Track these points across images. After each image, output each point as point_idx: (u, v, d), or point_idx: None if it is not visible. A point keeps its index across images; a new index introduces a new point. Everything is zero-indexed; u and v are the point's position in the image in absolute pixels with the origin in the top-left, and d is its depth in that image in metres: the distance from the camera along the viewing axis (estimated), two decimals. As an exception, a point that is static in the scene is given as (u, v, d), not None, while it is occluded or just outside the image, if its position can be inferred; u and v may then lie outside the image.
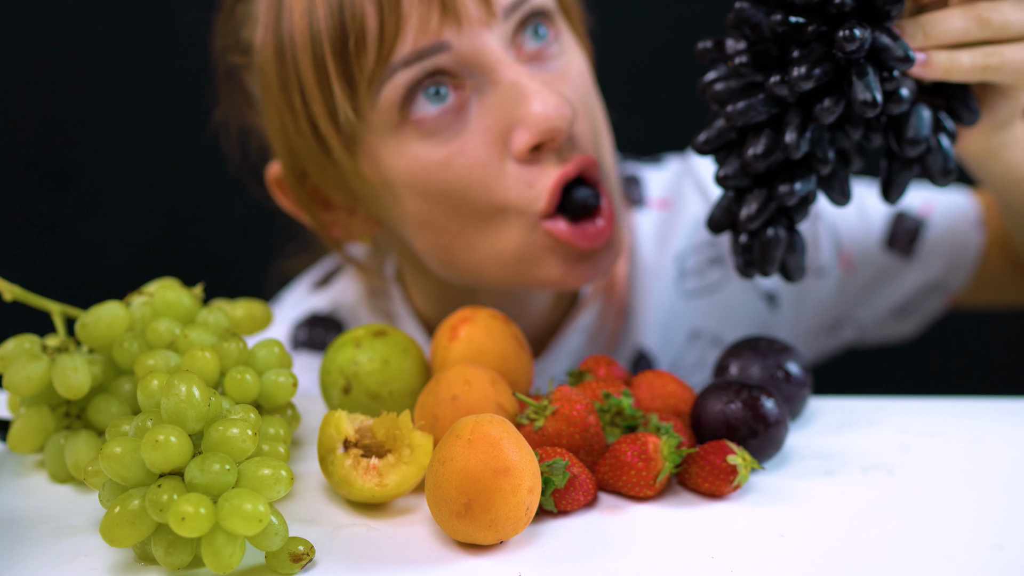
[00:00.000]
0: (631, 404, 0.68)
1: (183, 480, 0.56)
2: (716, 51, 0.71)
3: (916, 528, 0.61)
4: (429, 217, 0.80)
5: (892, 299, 1.02)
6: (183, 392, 0.57)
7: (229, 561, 0.55)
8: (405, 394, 0.72)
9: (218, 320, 0.69)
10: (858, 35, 0.63)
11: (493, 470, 0.58)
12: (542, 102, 0.75)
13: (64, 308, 0.70)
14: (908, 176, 0.72)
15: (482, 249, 0.80)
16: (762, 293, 0.99)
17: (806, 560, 0.58)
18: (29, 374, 0.65)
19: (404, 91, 0.75)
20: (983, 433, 0.73)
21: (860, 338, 1.06)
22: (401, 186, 0.79)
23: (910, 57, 0.65)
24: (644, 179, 1.02)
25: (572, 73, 0.80)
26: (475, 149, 0.77)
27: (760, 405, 0.67)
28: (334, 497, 0.66)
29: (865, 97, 0.64)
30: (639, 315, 0.98)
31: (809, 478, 0.67)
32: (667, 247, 0.99)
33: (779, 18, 0.66)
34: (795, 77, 0.65)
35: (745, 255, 0.71)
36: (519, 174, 0.77)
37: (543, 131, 0.75)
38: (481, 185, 0.77)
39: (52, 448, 0.68)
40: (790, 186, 0.68)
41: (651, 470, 0.64)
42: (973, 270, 1.00)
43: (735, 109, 0.67)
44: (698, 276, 0.99)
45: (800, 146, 0.67)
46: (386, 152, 0.78)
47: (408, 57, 0.75)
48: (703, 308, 0.99)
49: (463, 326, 0.73)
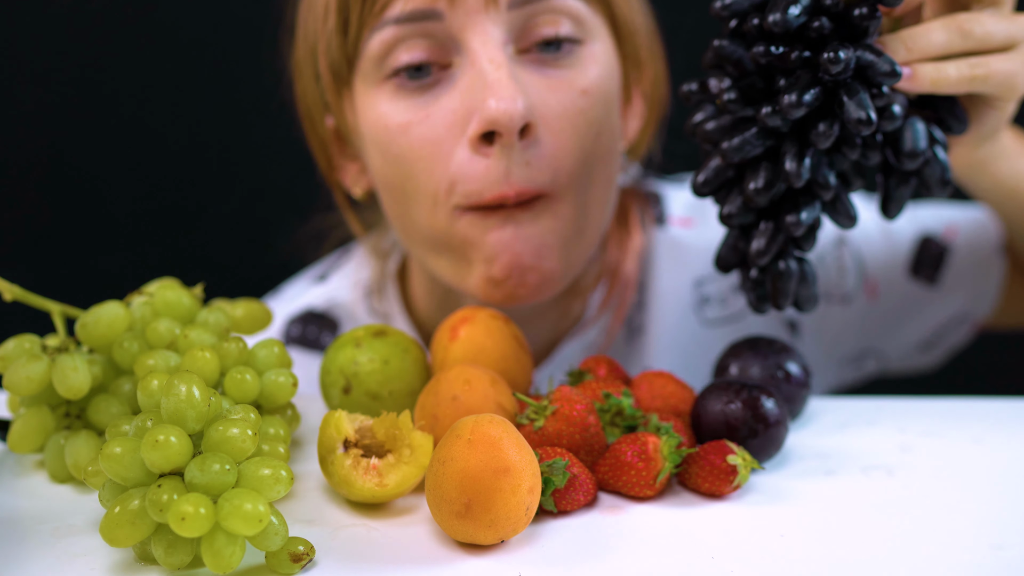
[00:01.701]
0: (631, 404, 0.68)
1: (183, 480, 0.56)
2: (701, 92, 0.70)
3: (916, 528, 0.61)
4: (386, 179, 0.81)
5: (918, 334, 1.00)
6: (183, 392, 0.57)
7: (229, 561, 0.55)
8: (405, 394, 0.72)
9: (218, 320, 0.69)
10: (842, 56, 0.63)
11: (493, 470, 0.58)
12: (495, 96, 0.74)
13: (64, 308, 0.70)
14: (907, 190, 0.71)
15: (421, 218, 0.80)
16: (784, 320, 0.98)
17: (806, 560, 0.58)
18: (29, 374, 0.65)
19: (389, 46, 0.77)
20: (983, 433, 0.73)
21: (883, 370, 1.04)
22: (369, 140, 0.81)
23: (896, 71, 0.65)
24: (666, 197, 1.01)
25: (576, 86, 0.78)
26: (435, 124, 0.77)
27: (760, 405, 0.67)
28: (334, 497, 0.66)
29: (859, 115, 0.64)
30: (650, 334, 0.96)
31: (809, 478, 0.67)
32: (684, 268, 0.97)
33: (762, 50, 0.66)
34: (786, 105, 0.64)
35: (757, 290, 0.71)
36: (465, 163, 0.76)
37: (486, 120, 0.74)
38: (429, 160, 0.77)
39: (52, 448, 0.68)
40: (796, 216, 0.67)
41: (651, 470, 0.64)
42: (997, 298, 0.99)
43: (730, 146, 0.67)
44: (720, 305, 0.97)
45: (802, 174, 0.66)
46: (363, 102, 0.80)
47: (400, 16, 0.76)
48: (727, 337, 0.96)
49: (463, 326, 0.73)
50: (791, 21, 0.64)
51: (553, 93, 0.77)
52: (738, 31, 0.69)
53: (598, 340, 0.94)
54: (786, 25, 0.64)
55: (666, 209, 1.00)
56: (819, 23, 0.65)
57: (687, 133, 0.71)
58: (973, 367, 1.51)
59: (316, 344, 0.97)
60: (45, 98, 1.50)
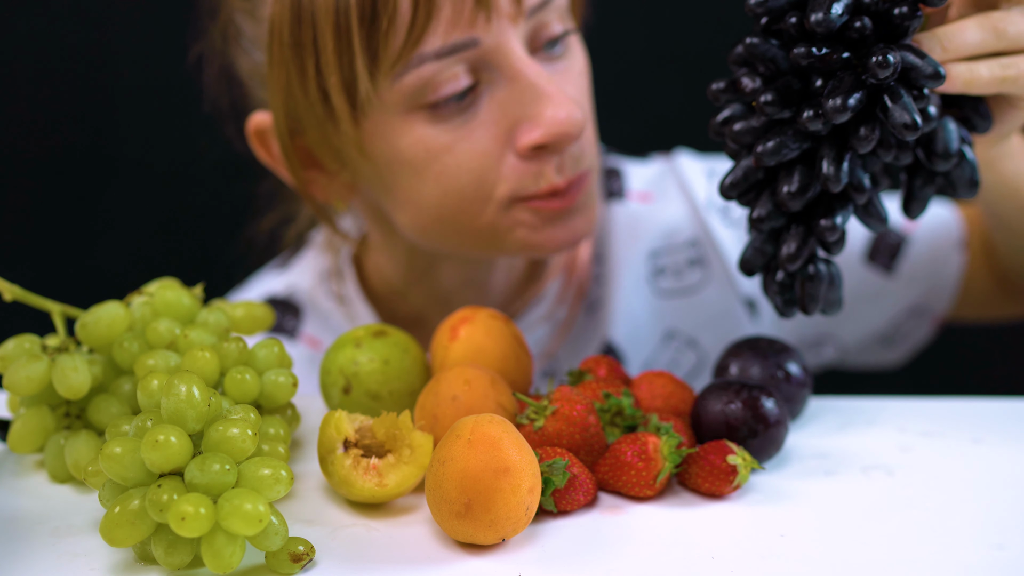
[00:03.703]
0: (631, 404, 0.68)
1: (183, 480, 0.56)
2: (732, 91, 0.68)
3: (916, 528, 0.61)
4: (418, 195, 0.81)
5: (875, 323, 1.01)
6: (183, 392, 0.57)
7: (229, 561, 0.55)
8: (405, 394, 0.72)
9: (218, 320, 0.69)
10: (892, 60, 0.61)
11: (493, 470, 0.58)
12: (556, 107, 0.77)
13: (64, 308, 0.70)
14: (931, 190, 0.70)
15: (461, 226, 0.82)
16: (743, 299, 0.99)
17: (806, 560, 0.58)
18: (29, 374, 0.65)
19: (427, 81, 0.76)
20: (983, 433, 0.73)
21: (842, 360, 1.05)
22: (400, 163, 0.80)
23: (940, 74, 0.63)
24: (626, 172, 1.03)
25: (575, 72, 0.82)
26: (480, 139, 0.78)
27: (760, 405, 0.67)
28: (334, 497, 0.66)
29: (905, 120, 0.62)
30: (608, 308, 0.98)
31: (809, 478, 0.67)
32: (640, 241, 0.99)
33: (803, 50, 0.63)
34: (830, 109, 0.62)
35: (784, 294, 0.69)
36: (516, 167, 0.79)
37: (554, 134, 0.77)
38: (478, 172, 0.79)
39: (52, 448, 0.68)
40: (831, 220, 0.66)
41: (651, 470, 0.64)
42: (955, 292, 0.99)
43: (765, 149, 0.64)
44: (675, 276, 0.99)
45: (840, 178, 0.64)
46: (393, 129, 0.79)
47: (440, 51, 0.75)
48: (679, 309, 0.99)
49: (463, 326, 0.73)
50: (834, 20, 0.62)
51: (570, 83, 0.81)
52: (769, 28, 0.66)
53: (551, 305, 0.98)
54: (829, 25, 0.62)
55: (625, 184, 1.02)
56: (860, 23, 0.63)
57: (711, 133, 0.69)
58: (973, 367, 1.51)
59: (281, 328, 0.99)
60: (45, 98, 1.50)
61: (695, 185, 1.00)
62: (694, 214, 0.99)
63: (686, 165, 1.01)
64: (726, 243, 0.98)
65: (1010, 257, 0.94)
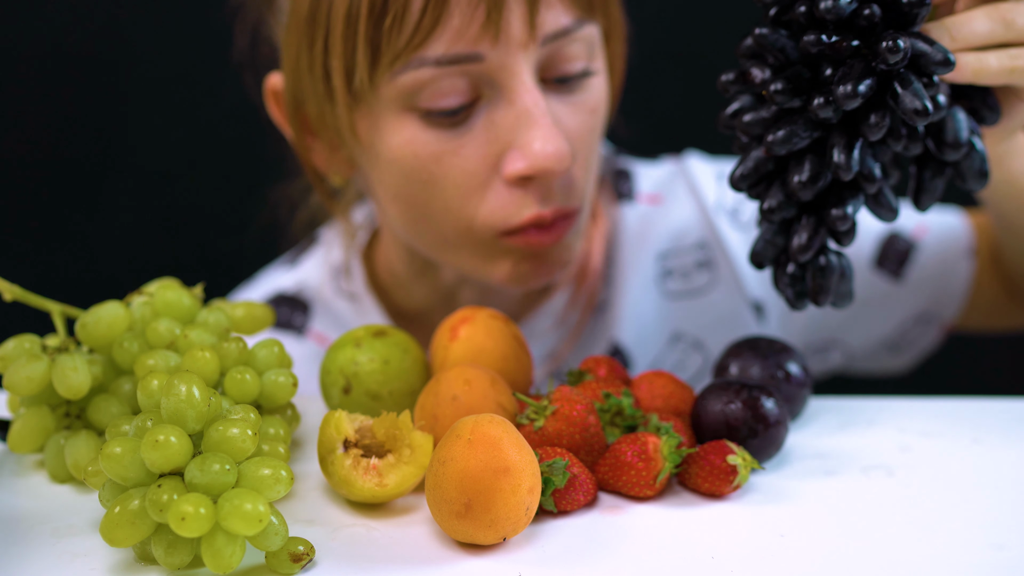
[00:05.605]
0: (631, 404, 0.68)
1: (183, 480, 0.56)
2: (741, 82, 0.68)
3: (916, 528, 0.61)
4: (403, 194, 0.81)
5: (882, 330, 1.01)
6: (183, 392, 0.57)
7: (229, 561, 0.55)
8: (405, 394, 0.72)
9: (218, 320, 0.69)
10: (901, 45, 0.61)
11: (493, 470, 0.58)
12: (543, 140, 0.76)
13: (64, 308, 0.70)
14: (941, 182, 0.70)
15: (442, 236, 0.83)
16: (750, 302, 0.99)
17: (806, 560, 0.58)
18: (29, 374, 0.65)
19: (423, 84, 0.76)
20: (983, 433, 0.73)
21: (849, 366, 1.05)
22: (388, 159, 0.80)
23: (950, 60, 0.63)
24: (635, 174, 1.03)
25: (587, 107, 0.81)
26: (470, 156, 0.78)
27: (760, 405, 0.67)
28: (334, 497, 0.66)
29: (915, 106, 0.62)
30: (616, 309, 0.98)
31: (809, 478, 0.67)
32: (649, 243, 0.99)
33: (813, 38, 0.64)
34: (841, 96, 0.62)
35: (796, 286, 0.69)
36: (501, 195, 0.79)
37: (538, 168, 0.77)
38: (462, 190, 0.79)
39: (52, 448, 0.68)
40: (843, 210, 0.66)
41: (651, 470, 0.64)
42: (964, 300, 0.99)
43: (775, 139, 0.64)
44: (683, 278, 0.99)
45: (852, 166, 0.64)
46: (386, 124, 0.79)
47: (441, 58, 0.75)
48: (686, 311, 0.99)
49: (463, 326, 0.73)
50: (843, 8, 0.63)
51: (573, 117, 0.80)
52: (778, 19, 0.67)
53: (562, 311, 0.97)
54: (838, 12, 0.63)
55: (635, 186, 1.02)
56: (869, 10, 0.63)
57: (720, 126, 0.68)
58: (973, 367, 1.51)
59: (289, 325, 0.99)
60: (45, 98, 1.50)
61: (704, 187, 1.00)
62: (703, 216, 0.99)
63: (696, 167, 1.01)
64: (735, 246, 0.98)
65: (1017, 262, 0.94)
